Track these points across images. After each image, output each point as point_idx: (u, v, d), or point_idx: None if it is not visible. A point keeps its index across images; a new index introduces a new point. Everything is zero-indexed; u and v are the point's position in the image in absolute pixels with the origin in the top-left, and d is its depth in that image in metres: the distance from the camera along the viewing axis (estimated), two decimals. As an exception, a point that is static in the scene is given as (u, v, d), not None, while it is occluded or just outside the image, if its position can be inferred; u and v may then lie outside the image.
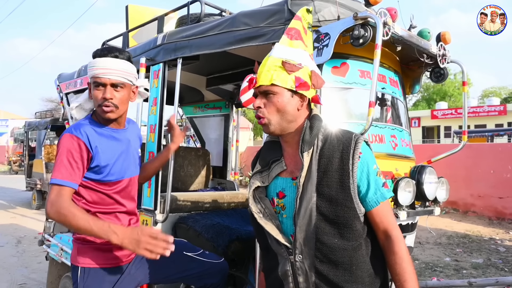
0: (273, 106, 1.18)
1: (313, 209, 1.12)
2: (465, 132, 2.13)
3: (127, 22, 4.15)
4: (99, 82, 1.47)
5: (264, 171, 1.25)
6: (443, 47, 2.03)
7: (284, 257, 1.16)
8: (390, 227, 1.14)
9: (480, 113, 25.37)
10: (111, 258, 1.54)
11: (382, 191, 1.13)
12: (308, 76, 1.17)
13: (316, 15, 1.74)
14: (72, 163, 1.41)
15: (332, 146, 1.14)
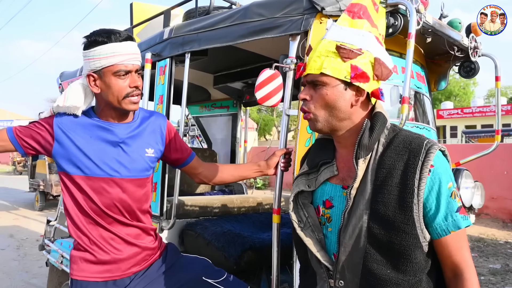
0: (321, 100, 0.97)
1: (363, 228, 0.91)
2: (498, 131, 1.96)
3: (132, 20, 4.03)
4: (125, 69, 1.31)
5: (311, 174, 1.06)
6: (474, 39, 1.87)
7: (323, 278, 0.99)
8: (463, 264, 0.90)
9: (487, 113, 25.08)
10: (102, 271, 1.35)
11: (455, 217, 0.89)
12: (370, 65, 0.95)
13: (337, 4, 1.58)
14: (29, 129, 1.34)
15: (396, 153, 0.92)
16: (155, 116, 1.52)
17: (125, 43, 1.32)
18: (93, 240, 1.35)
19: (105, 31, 1.33)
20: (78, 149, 1.33)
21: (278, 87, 1.56)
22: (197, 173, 1.64)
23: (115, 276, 1.36)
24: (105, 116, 1.39)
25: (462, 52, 1.86)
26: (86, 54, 1.33)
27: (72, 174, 1.34)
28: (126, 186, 1.39)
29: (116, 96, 1.32)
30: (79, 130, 1.34)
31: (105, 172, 1.35)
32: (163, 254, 1.52)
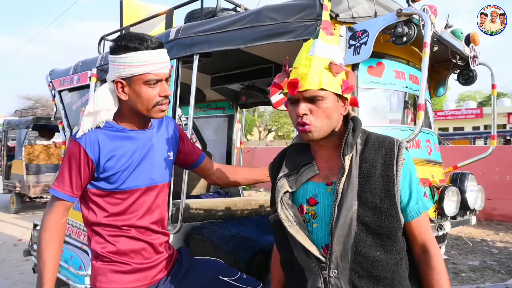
0: (322, 112, 1.06)
1: (353, 218, 1.01)
2: (494, 136, 2.06)
3: (121, 18, 3.95)
4: (156, 78, 1.28)
5: (291, 175, 1.13)
6: (473, 48, 1.95)
7: (314, 272, 1.04)
8: (429, 241, 1.06)
9: (458, 116, 26.10)
10: (134, 280, 1.35)
11: (423, 201, 1.06)
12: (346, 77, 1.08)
13: (349, 11, 1.62)
14: (71, 173, 1.29)
15: (374, 150, 1.06)
16: (166, 120, 1.52)
17: (157, 51, 1.29)
18: (124, 251, 1.34)
19: (137, 37, 1.28)
20: (114, 166, 1.31)
21: (292, 91, 1.58)
22: (209, 174, 1.66)
23: (144, 284, 1.36)
24: (129, 123, 1.36)
25: (463, 60, 1.94)
26: (115, 59, 1.28)
27: (108, 190, 1.33)
28: (159, 192, 1.41)
29: (146, 104, 1.30)
30: (108, 146, 1.31)
31: (143, 182, 1.36)
32: (178, 258, 1.53)
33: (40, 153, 8.01)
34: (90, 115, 1.30)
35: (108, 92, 1.33)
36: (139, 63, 1.26)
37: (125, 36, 1.30)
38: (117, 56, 1.28)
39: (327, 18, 1.17)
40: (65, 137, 2.91)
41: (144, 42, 1.27)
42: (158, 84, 1.30)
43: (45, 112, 12.21)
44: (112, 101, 1.33)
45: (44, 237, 1.28)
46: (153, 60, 1.27)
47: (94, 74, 2.55)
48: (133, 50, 1.26)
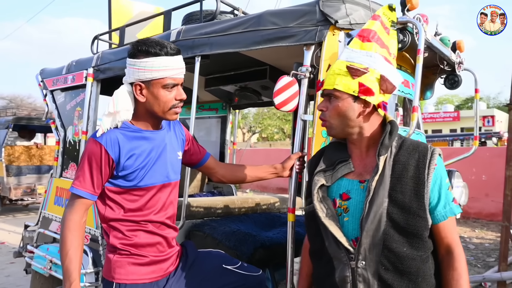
0: (334, 110, 1.18)
1: (383, 214, 1.08)
2: (476, 137, 2.20)
3: (110, 16, 3.95)
4: (174, 83, 1.37)
5: (328, 171, 1.21)
6: (459, 55, 2.08)
7: (343, 262, 1.11)
8: (454, 244, 1.12)
9: (437, 119, 26.89)
10: (150, 272, 1.41)
11: (451, 205, 1.12)
12: (376, 81, 1.14)
13: (347, 18, 1.71)
14: (92, 172, 1.34)
15: (408, 153, 1.13)
16: (173, 122, 1.59)
17: (176, 57, 1.38)
18: (141, 244, 1.40)
19: (157, 43, 1.36)
20: (133, 165, 1.36)
21: (294, 93, 1.66)
22: (214, 172, 1.75)
23: (158, 276, 1.43)
24: (144, 124, 1.43)
25: (449, 66, 2.07)
26: (135, 63, 1.35)
27: (127, 187, 1.38)
28: (172, 190, 1.48)
29: (162, 107, 1.38)
30: (127, 145, 1.37)
31: (158, 179, 1.42)
32: (183, 252, 1.60)
33: (20, 154, 7.80)
34: (109, 115, 1.36)
35: (126, 94, 1.39)
36: (159, 68, 1.33)
37: (145, 41, 1.37)
38: (137, 60, 1.35)
39: (368, 27, 1.20)
40: (58, 137, 2.90)
41: (164, 48, 1.34)
42: (174, 88, 1.39)
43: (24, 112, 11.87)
44: (130, 102, 1.39)
45: (68, 237, 1.31)
46: (172, 66, 1.35)
47: (91, 74, 2.56)
48: (153, 55, 1.33)
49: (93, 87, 2.58)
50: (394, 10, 1.28)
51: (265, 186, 11.57)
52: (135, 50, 1.35)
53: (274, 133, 27.91)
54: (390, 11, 1.26)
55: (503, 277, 3.55)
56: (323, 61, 1.67)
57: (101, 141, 1.33)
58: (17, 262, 4.18)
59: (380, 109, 1.18)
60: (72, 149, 2.77)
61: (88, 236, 2.36)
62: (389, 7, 1.26)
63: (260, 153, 13.18)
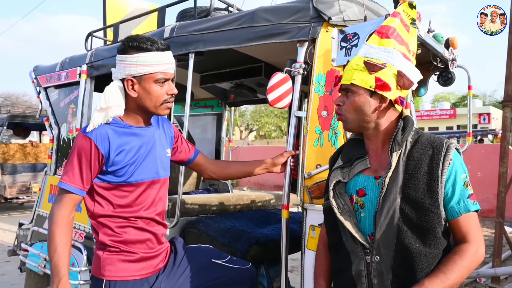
0: (351, 105, 1.18)
1: (396, 210, 1.09)
2: (469, 134, 2.21)
3: (105, 13, 3.92)
4: (165, 77, 1.38)
5: (345, 167, 1.23)
6: (452, 51, 2.09)
7: (359, 256, 1.13)
8: (469, 236, 1.07)
9: (433, 116, 26.99)
10: (140, 269, 1.42)
11: (466, 202, 1.09)
12: (393, 77, 1.14)
13: (341, 14, 1.71)
14: (81, 167, 1.33)
15: (422, 149, 1.12)
16: (161, 120, 1.60)
17: (166, 53, 1.39)
18: (131, 241, 1.40)
19: (147, 38, 1.37)
20: (122, 160, 1.36)
21: (288, 90, 1.66)
22: (204, 169, 1.76)
23: (148, 273, 1.44)
24: (133, 120, 1.43)
25: (443, 63, 2.07)
26: (126, 58, 1.35)
27: (116, 183, 1.38)
28: (162, 186, 1.48)
29: (154, 102, 1.38)
30: (117, 140, 1.37)
31: (148, 175, 1.42)
32: (173, 248, 1.61)
33: (15, 152, 7.75)
34: (101, 111, 1.35)
35: (117, 89, 1.39)
36: (151, 63, 1.35)
37: (135, 37, 1.38)
38: (128, 55, 1.35)
39: (387, 24, 1.20)
40: (52, 134, 2.88)
41: (155, 44, 1.36)
42: (166, 83, 1.40)
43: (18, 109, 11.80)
44: (122, 97, 1.39)
45: (57, 232, 1.30)
46: (163, 61, 1.37)
47: (84, 70, 2.55)
48: (144, 50, 1.35)
49: (87, 84, 2.56)
50: (415, 8, 1.26)
51: (262, 184, 11.58)
52: (126, 46, 1.37)
53: (272, 131, 27.92)
54: (410, 8, 1.25)
55: (497, 273, 3.59)
56: (317, 57, 1.67)
57: (91, 136, 1.33)
58: (12, 261, 4.16)
59: (397, 105, 1.18)
60: (66, 146, 2.75)
61: (83, 233, 2.36)
62: (409, 4, 1.25)
63: (257, 150, 13.19)
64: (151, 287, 1.43)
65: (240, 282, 1.63)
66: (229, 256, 1.67)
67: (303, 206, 1.62)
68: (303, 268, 1.61)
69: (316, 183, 1.59)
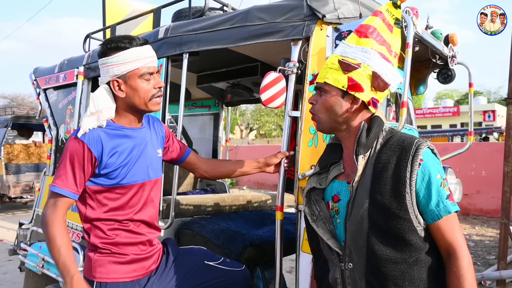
0: (322, 104, 1.16)
1: (364, 215, 1.05)
2: (471, 133, 2.17)
3: (104, 15, 3.92)
4: (149, 71, 1.37)
5: (322, 173, 1.20)
6: (452, 48, 2.05)
7: (334, 263, 1.11)
8: (455, 244, 1.01)
9: (436, 114, 26.79)
10: (131, 270, 1.40)
11: (445, 203, 1.02)
12: (367, 77, 1.10)
13: (335, 12, 1.68)
14: (74, 170, 1.31)
15: (390, 151, 1.07)
16: (152, 119, 1.59)
17: (145, 47, 1.38)
18: (123, 243, 1.39)
19: (124, 37, 1.37)
20: (115, 162, 1.35)
21: (281, 89, 1.63)
22: (196, 168, 1.74)
23: (140, 274, 1.42)
24: (124, 121, 1.42)
25: (442, 60, 2.03)
26: (107, 60, 1.35)
27: (108, 185, 1.36)
28: (153, 187, 1.47)
29: (143, 98, 1.37)
30: (109, 143, 1.35)
31: (140, 177, 1.41)
32: (165, 249, 1.60)
33: (19, 152, 7.82)
34: (92, 115, 1.34)
35: (105, 93, 1.38)
36: (132, 59, 1.34)
37: (112, 39, 1.38)
38: (108, 57, 1.35)
39: (367, 23, 1.17)
40: (51, 135, 2.89)
41: (132, 41, 1.36)
42: (151, 77, 1.38)
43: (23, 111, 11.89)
44: (110, 100, 1.38)
45: (57, 235, 1.27)
46: (143, 55, 1.36)
47: (81, 72, 2.55)
48: (123, 49, 1.34)
49: (84, 85, 2.56)
50: (399, 7, 1.22)
51: (261, 183, 11.56)
52: (105, 48, 1.37)
53: (272, 130, 27.89)
54: (395, 8, 1.21)
55: (502, 276, 3.52)
56: (311, 56, 1.65)
57: (83, 139, 1.31)
58: (15, 260, 4.18)
59: (371, 107, 1.13)
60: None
61: (80, 234, 2.35)
62: (393, 3, 1.20)
63: (257, 150, 13.16)
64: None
65: (233, 284, 1.61)
66: (222, 258, 1.65)
67: (297, 207, 1.60)
68: (298, 270, 1.58)
69: (310, 184, 1.56)
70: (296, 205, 1.61)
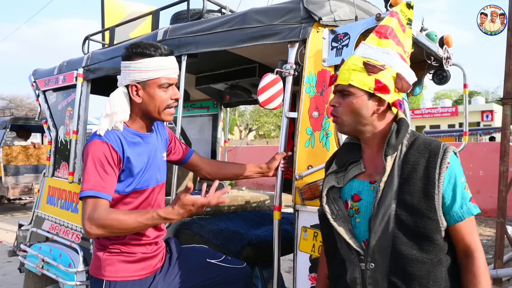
0: (347, 107, 1.14)
1: (391, 216, 1.05)
2: (466, 133, 2.19)
3: (103, 16, 3.94)
4: (169, 82, 1.39)
5: (340, 172, 1.20)
6: (447, 50, 2.08)
7: (354, 263, 1.10)
8: (473, 246, 1.06)
9: (435, 114, 26.84)
10: (139, 269, 1.44)
11: (469, 205, 1.06)
12: (392, 79, 1.11)
13: (332, 14, 1.71)
14: (105, 172, 1.29)
15: (418, 152, 1.08)
16: (156, 123, 1.61)
17: (169, 58, 1.40)
18: (132, 244, 1.42)
19: (151, 44, 1.38)
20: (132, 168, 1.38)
21: (279, 91, 1.66)
22: (199, 169, 1.78)
23: (147, 273, 1.47)
24: (138, 126, 1.45)
25: (437, 61, 2.06)
26: (130, 65, 1.37)
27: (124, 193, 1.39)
28: (160, 190, 1.51)
29: (158, 107, 1.39)
30: (127, 148, 1.38)
31: (151, 181, 1.45)
32: (167, 249, 1.64)
33: (18, 154, 7.83)
34: (107, 117, 1.37)
35: (122, 95, 1.41)
36: (154, 68, 1.36)
37: (139, 44, 1.39)
38: (132, 61, 1.37)
39: (386, 23, 1.18)
40: (51, 137, 2.90)
41: (158, 49, 1.38)
42: (169, 88, 1.41)
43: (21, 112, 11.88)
44: (127, 103, 1.41)
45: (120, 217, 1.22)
46: (166, 66, 1.38)
47: (81, 74, 2.56)
48: (148, 56, 1.36)
49: (83, 87, 2.58)
50: (412, 8, 1.23)
51: (261, 184, 11.59)
52: (130, 52, 1.38)
53: (271, 130, 27.93)
54: (408, 8, 1.22)
55: (498, 274, 3.54)
56: (307, 58, 1.67)
57: (107, 141, 1.33)
58: (14, 261, 4.19)
59: (394, 108, 1.15)
60: (64, 148, 2.77)
61: (79, 235, 2.37)
62: (407, 4, 1.22)
63: (256, 150, 13.20)
64: (149, 287, 1.46)
65: (235, 281, 1.65)
66: (224, 256, 1.69)
67: (294, 207, 1.62)
68: (295, 269, 1.60)
69: (308, 184, 1.58)
70: (293, 205, 1.64)
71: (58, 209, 2.63)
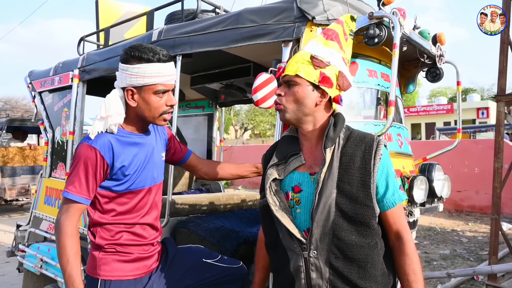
0: (292, 96, 1.21)
1: (332, 205, 1.12)
2: (459, 130, 2.22)
3: (97, 17, 3.94)
4: (165, 89, 1.39)
5: (280, 165, 1.24)
6: (440, 48, 2.10)
7: (296, 252, 1.15)
8: (403, 229, 1.17)
9: (430, 112, 26.91)
10: (134, 269, 1.44)
11: (399, 193, 1.16)
12: (334, 76, 1.19)
13: (325, 13, 1.72)
14: (86, 178, 1.33)
15: (354, 145, 1.17)
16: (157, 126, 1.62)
17: (168, 64, 1.39)
18: (128, 244, 1.43)
19: (150, 49, 1.36)
20: (126, 169, 1.39)
21: (273, 90, 1.67)
22: (197, 169, 1.79)
23: (143, 273, 1.47)
24: (133, 128, 1.45)
25: (430, 59, 2.08)
26: (128, 68, 1.35)
27: (118, 191, 1.40)
28: (157, 191, 1.51)
29: (153, 112, 1.39)
30: (120, 150, 1.38)
31: (147, 182, 1.45)
32: (164, 249, 1.64)
33: (14, 155, 7.81)
34: (101, 119, 1.37)
35: (118, 98, 1.40)
36: (151, 74, 1.35)
37: (138, 47, 1.37)
38: (129, 65, 1.35)
39: (333, 28, 1.29)
40: (47, 138, 2.91)
41: (156, 55, 1.36)
42: (165, 94, 1.40)
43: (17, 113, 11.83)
44: (122, 106, 1.41)
45: (68, 243, 1.29)
46: (164, 72, 1.37)
47: (76, 75, 2.57)
48: (146, 61, 1.34)
49: (79, 88, 2.58)
50: (355, 21, 1.36)
51: (256, 183, 11.57)
52: (128, 55, 1.36)
53: (267, 130, 27.95)
54: (351, 21, 1.35)
55: (493, 271, 3.58)
56: (301, 57, 1.69)
57: (95, 146, 1.34)
58: (12, 262, 4.19)
59: (335, 103, 1.23)
60: (61, 149, 2.78)
61: (77, 235, 2.38)
62: (351, 17, 1.34)
63: (252, 150, 13.20)
64: (144, 287, 1.46)
65: (231, 281, 1.65)
66: (220, 256, 1.69)
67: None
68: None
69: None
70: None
71: (55, 209, 2.64)
